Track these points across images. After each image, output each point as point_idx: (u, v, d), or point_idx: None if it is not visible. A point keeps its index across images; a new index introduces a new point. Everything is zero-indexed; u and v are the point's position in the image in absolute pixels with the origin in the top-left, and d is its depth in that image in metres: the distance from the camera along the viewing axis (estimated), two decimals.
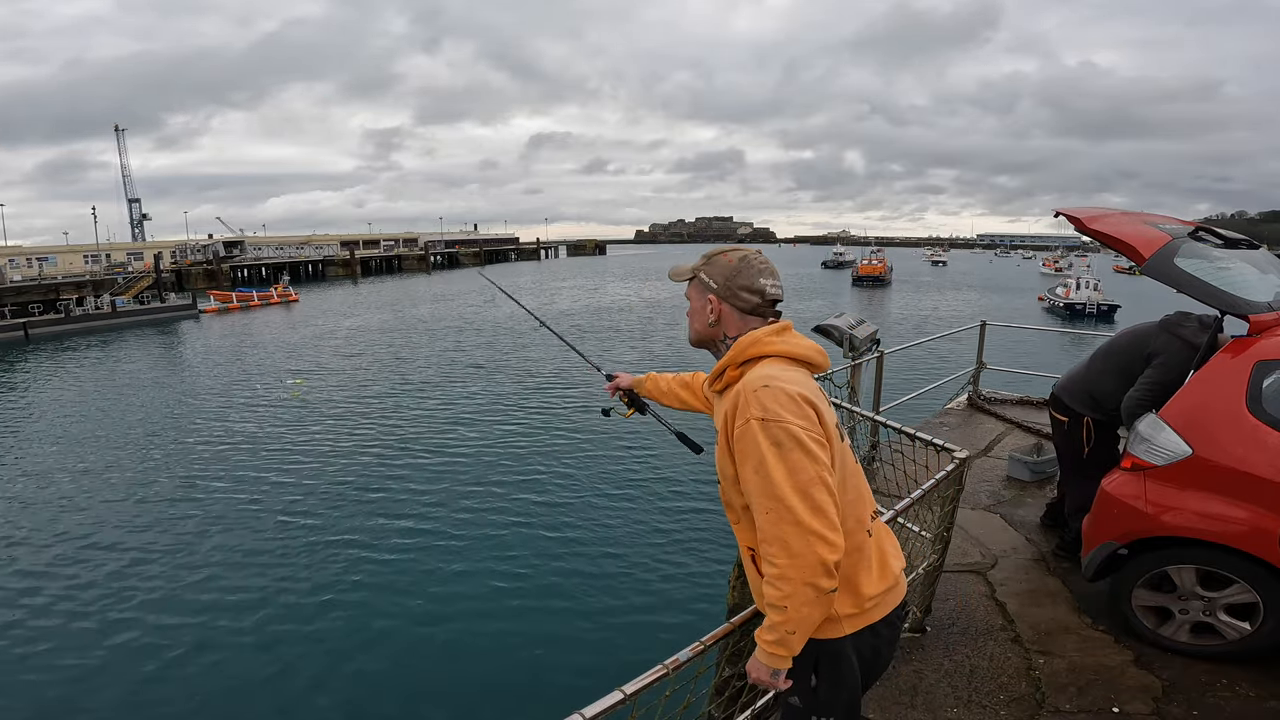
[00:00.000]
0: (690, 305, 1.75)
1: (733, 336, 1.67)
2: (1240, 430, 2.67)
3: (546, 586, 8.34)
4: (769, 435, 1.40)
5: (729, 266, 1.66)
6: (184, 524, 10.58)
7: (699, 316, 1.72)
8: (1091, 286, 40.90)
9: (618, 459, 12.99)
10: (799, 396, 1.45)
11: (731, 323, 1.67)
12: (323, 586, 8.47)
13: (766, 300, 1.65)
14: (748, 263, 1.66)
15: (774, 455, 1.39)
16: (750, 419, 1.43)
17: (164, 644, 7.39)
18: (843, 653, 1.57)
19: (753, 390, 1.46)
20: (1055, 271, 75.63)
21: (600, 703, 1.48)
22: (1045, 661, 2.90)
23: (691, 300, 1.75)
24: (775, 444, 1.39)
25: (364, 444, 14.37)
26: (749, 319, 1.66)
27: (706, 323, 1.70)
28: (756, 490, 1.42)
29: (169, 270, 55.71)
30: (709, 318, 1.69)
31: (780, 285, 1.69)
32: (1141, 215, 3.49)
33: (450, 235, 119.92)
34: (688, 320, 1.76)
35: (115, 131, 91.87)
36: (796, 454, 1.39)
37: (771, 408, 1.42)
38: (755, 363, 1.58)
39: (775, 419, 1.41)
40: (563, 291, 53.69)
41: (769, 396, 1.44)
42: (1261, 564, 2.60)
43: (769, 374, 1.51)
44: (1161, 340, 3.30)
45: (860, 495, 1.61)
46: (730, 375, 1.60)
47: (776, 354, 1.58)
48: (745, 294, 1.64)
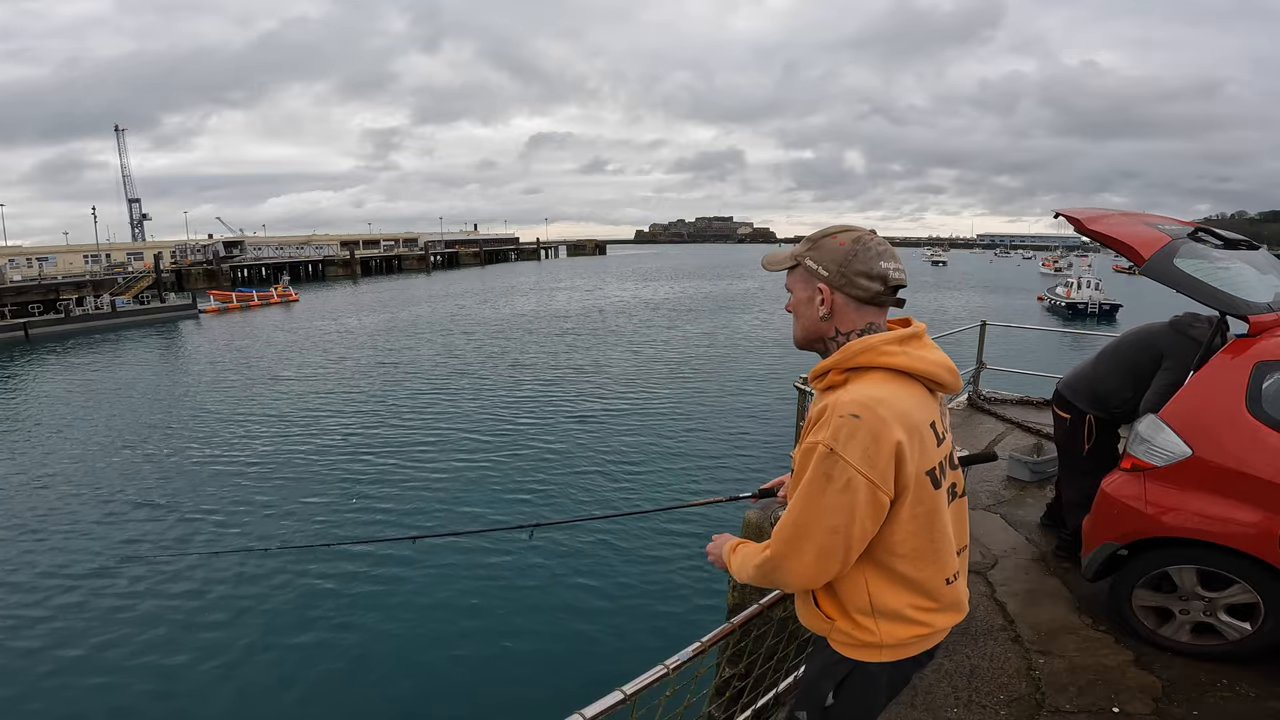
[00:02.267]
0: (793, 298, 1.51)
1: (847, 333, 1.44)
2: (1240, 431, 2.67)
3: (546, 586, 8.34)
4: (828, 468, 1.27)
5: (841, 250, 1.42)
6: (184, 524, 10.58)
7: (806, 311, 1.48)
8: (1093, 286, 40.91)
9: (618, 458, 12.99)
10: (888, 445, 1.28)
11: (846, 316, 1.43)
12: (323, 586, 8.47)
13: (889, 287, 1.42)
14: (863, 244, 1.41)
15: (819, 486, 1.28)
16: (819, 443, 1.29)
17: (162, 645, 7.38)
18: (878, 678, 1.49)
19: (840, 415, 1.29)
20: (1055, 271, 75.63)
21: (600, 703, 1.48)
22: (1045, 661, 2.90)
23: (795, 292, 1.50)
24: (828, 478, 1.27)
25: (364, 443, 14.37)
26: (867, 310, 1.43)
27: (817, 317, 1.45)
28: (791, 504, 1.35)
29: (169, 270, 55.73)
30: (820, 311, 1.44)
31: (903, 269, 1.44)
32: (1141, 216, 3.49)
33: (450, 235, 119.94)
34: (792, 316, 1.52)
35: (115, 131, 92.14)
36: (841, 499, 1.27)
37: (846, 444, 1.27)
38: (864, 373, 1.38)
39: (843, 456, 1.27)
40: (560, 293, 53.58)
41: (849, 432, 1.27)
42: (1262, 564, 2.60)
43: (871, 398, 1.31)
44: (1172, 341, 3.31)
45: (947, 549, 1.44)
46: (834, 379, 1.41)
47: (894, 367, 1.37)
48: (864, 280, 1.40)
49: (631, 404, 17.35)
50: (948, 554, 1.44)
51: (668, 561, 8.83)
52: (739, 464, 12.64)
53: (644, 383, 19.90)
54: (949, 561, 1.44)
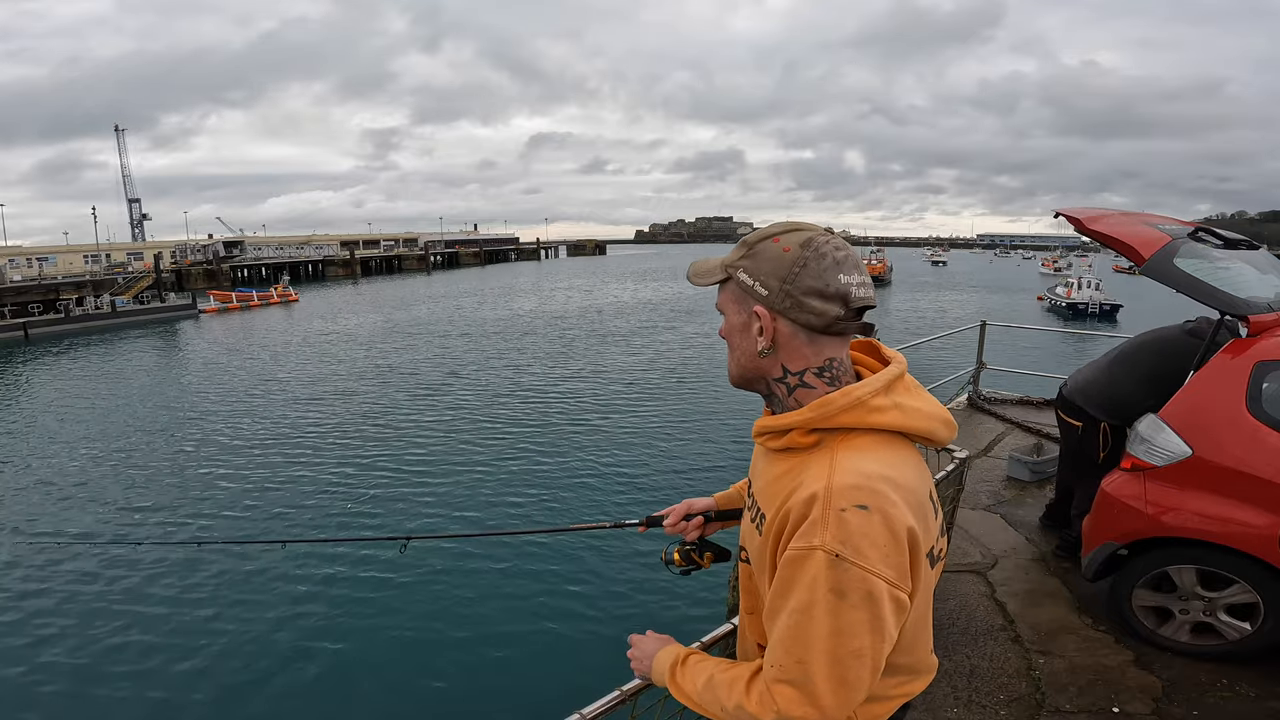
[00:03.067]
0: (725, 321, 1.12)
1: (799, 372, 1.07)
2: (1240, 431, 2.67)
3: (546, 586, 8.34)
4: (835, 580, 0.94)
5: (786, 259, 1.03)
6: (183, 523, 10.58)
7: (741, 342, 1.10)
8: (1093, 286, 40.96)
9: (617, 457, 12.99)
10: (903, 537, 0.97)
11: (796, 350, 1.06)
12: (322, 587, 8.47)
13: (851, 310, 1.03)
14: (815, 250, 1.02)
15: (827, 606, 0.95)
16: (819, 548, 0.95)
17: (160, 646, 7.38)
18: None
19: (840, 508, 0.95)
20: (1054, 271, 75.70)
21: (600, 702, 1.48)
22: (1045, 661, 2.90)
23: (727, 314, 1.11)
24: (838, 593, 0.94)
25: (364, 442, 14.37)
26: (822, 342, 1.05)
27: (755, 352, 1.08)
28: (781, 633, 0.99)
29: (169, 270, 55.76)
30: (758, 344, 1.07)
31: (870, 284, 1.06)
32: (1141, 215, 3.50)
33: (450, 235, 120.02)
34: (727, 346, 1.13)
35: (115, 131, 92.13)
36: (860, 614, 0.95)
37: (857, 543, 0.94)
38: (845, 436, 1.03)
39: (856, 561, 0.94)
40: (559, 293, 53.55)
41: (859, 526, 0.95)
42: (1262, 564, 2.60)
43: (874, 477, 0.98)
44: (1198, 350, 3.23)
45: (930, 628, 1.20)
46: (798, 440, 1.05)
47: (887, 428, 1.04)
48: (816, 301, 1.02)
49: (629, 408, 17.35)
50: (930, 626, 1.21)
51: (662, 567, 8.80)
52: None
53: (635, 388, 19.89)
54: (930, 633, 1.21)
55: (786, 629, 0.99)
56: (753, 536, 1.14)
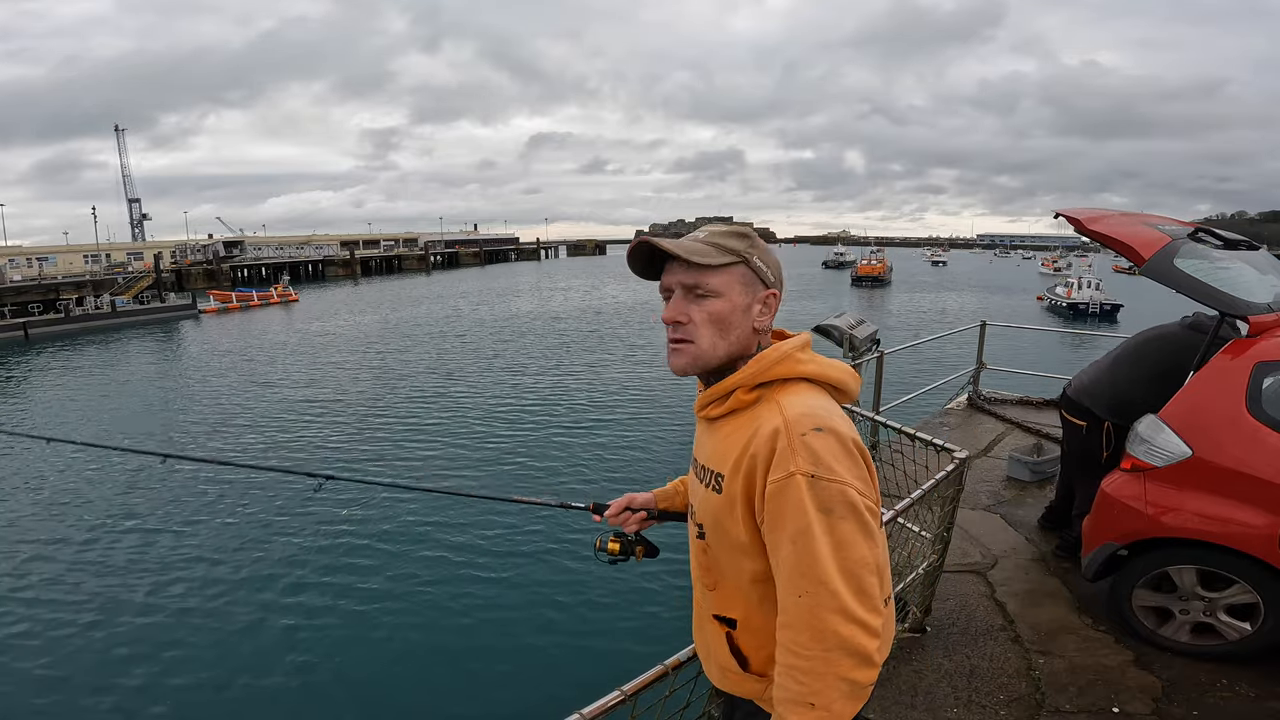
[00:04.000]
0: (717, 303, 1.19)
1: (763, 345, 1.25)
2: (1240, 431, 2.67)
3: (546, 585, 8.33)
4: (819, 498, 1.05)
5: (774, 253, 1.25)
6: (183, 524, 10.57)
7: (742, 322, 1.20)
8: (1093, 286, 40.96)
9: (617, 456, 12.99)
10: (855, 446, 1.11)
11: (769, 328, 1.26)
12: (320, 588, 8.46)
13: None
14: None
15: (821, 524, 1.04)
16: (795, 473, 1.05)
17: (158, 647, 7.37)
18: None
19: (800, 434, 1.07)
20: (1054, 271, 75.73)
21: (600, 702, 1.48)
22: (1045, 661, 2.90)
23: (728, 295, 1.19)
24: (825, 510, 1.05)
25: (364, 442, 14.37)
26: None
27: (750, 330, 1.22)
28: (789, 566, 1.07)
29: (169, 270, 55.75)
30: (757, 322, 1.22)
31: None
32: (1141, 216, 3.50)
33: (450, 235, 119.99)
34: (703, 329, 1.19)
35: (115, 131, 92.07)
36: (849, 524, 1.05)
37: (825, 460, 1.06)
38: (779, 386, 1.18)
39: (830, 476, 1.06)
40: (557, 294, 53.48)
41: (822, 445, 1.07)
42: (1262, 564, 2.60)
43: (814, 407, 1.13)
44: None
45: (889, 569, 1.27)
46: (742, 399, 1.19)
47: (809, 376, 1.20)
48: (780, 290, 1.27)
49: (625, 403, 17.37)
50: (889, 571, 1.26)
51: (668, 560, 8.79)
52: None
53: (610, 381, 19.91)
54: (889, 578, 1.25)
55: (789, 559, 1.07)
56: (708, 502, 1.22)
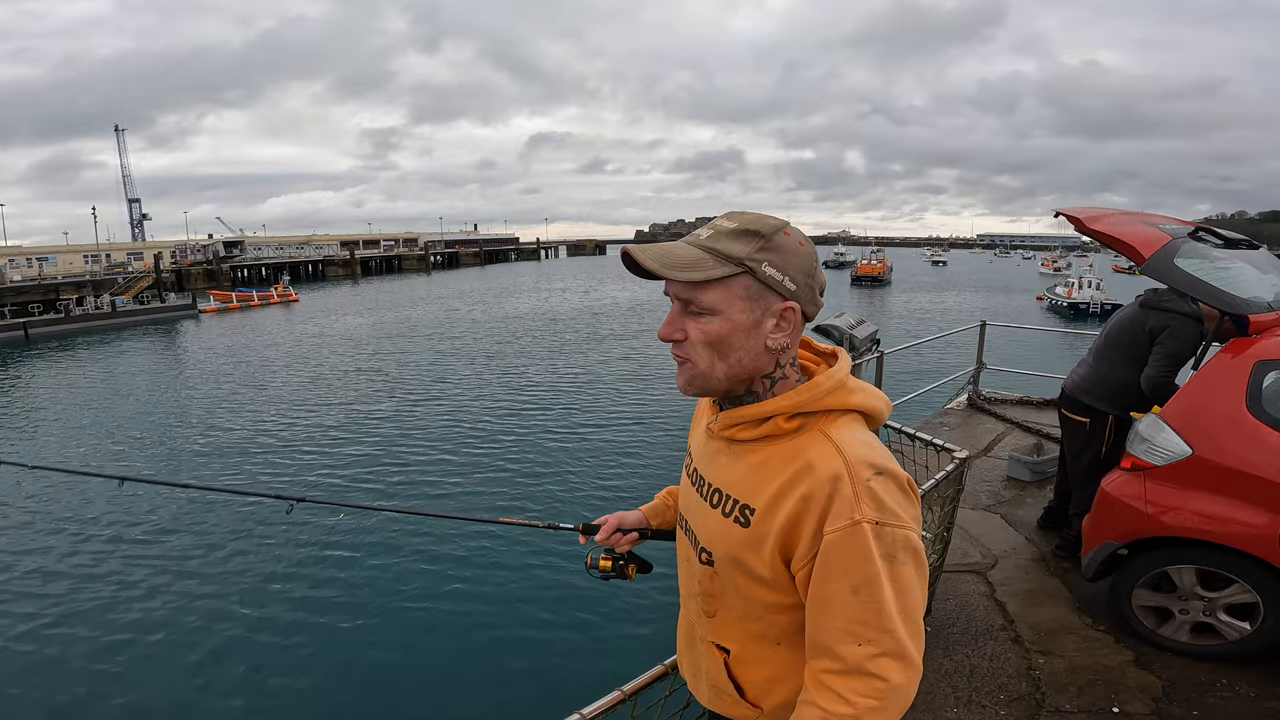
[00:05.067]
0: (718, 324, 1.03)
1: (785, 365, 1.09)
2: (1240, 430, 2.67)
3: (545, 584, 8.33)
4: (885, 545, 0.98)
5: (803, 253, 1.04)
6: (183, 525, 10.57)
7: (748, 343, 1.04)
8: (1094, 286, 41.01)
9: (617, 453, 13.00)
10: (909, 484, 1.04)
11: (795, 344, 1.08)
12: (319, 588, 8.46)
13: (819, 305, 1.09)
14: (812, 245, 1.07)
15: (887, 572, 0.98)
16: (861, 521, 0.97)
17: (156, 647, 7.37)
18: None
19: (865, 480, 0.99)
20: (1054, 271, 75.80)
21: (600, 702, 1.48)
22: (1045, 661, 2.90)
23: (728, 313, 1.03)
24: (889, 557, 0.98)
25: (364, 441, 14.37)
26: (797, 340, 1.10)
27: (761, 350, 1.05)
28: (849, 615, 0.99)
29: (169, 270, 55.77)
30: (771, 341, 1.05)
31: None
32: (1141, 215, 3.50)
33: (450, 235, 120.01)
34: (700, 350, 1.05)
35: (115, 131, 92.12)
36: (910, 569, 1.00)
37: (890, 506, 0.99)
38: (824, 416, 1.07)
39: (895, 522, 0.99)
40: (555, 294, 53.36)
41: (885, 489, 1.00)
42: (1262, 564, 2.60)
43: (870, 446, 1.04)
44: (1157, 318, 3.36)
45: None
46: (781, 426, 1.06)
47: (857, 408, 1.09)
48: (820, 297, 1.08)
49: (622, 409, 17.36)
50: None
51: (669, 559, 8.80)
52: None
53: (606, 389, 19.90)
54: None
55: (852, 610, 0.99)
56: (727, 532, 1.11)
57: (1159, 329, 3.32)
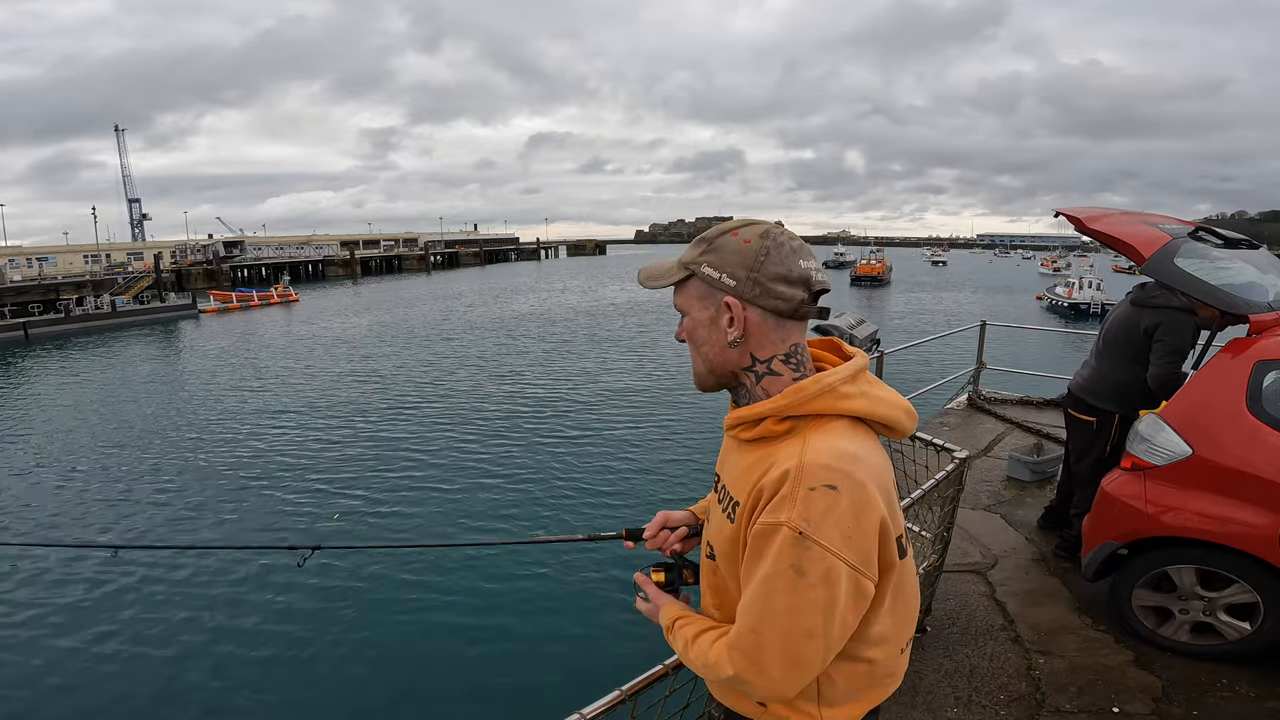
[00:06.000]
0: (688, 320, 1.14)
1: (767, 360, 1.11)
2: (1240, 430, 2.67)
3: (546, 584, 8.34)
4: (796, 557, 0.97)
5: (749, 250, 1.07)
6: (182, 525, 10.58)
7: (709, 336, 1.12)
8: (1094, 286, 41.06)
9: (618, 452, 12.99)
10: (872, 520, 1.00)
11: (765, 338, 1.10)
12: (319, 588, 8.46)
13: (813, 293, 1.09)
14: (775, 240, 1.08)
15: (786, 581, 0.98)
16: (783, 524, 0.98)
17: (155, 647, 7.38)
18: None
19: (809, 486, 0.98)
20: (1054, 271, 75.84)
21: (600, 702, 1.47)
22: (1045, 661, 2.90)
23: (691, 312, 1.14)
24: (798, 571, 0.97)
25: (364, 441, 14.37)
26: (788, 326, 1.10)
27: (724, 343, 1.11)
28: (745, 600, 1.05)
29: (169, 270, 55.75)
30: (729, 334, 1.10)
31: (824, 270, 1.12)
32: (1141, 215, 3.50)
33: (450, 235, 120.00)
34: (691, 349, 1.16)
35: (115, 131, 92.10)
36: (817, 594, 0.98)
37: (820, 524, 0.97)
38: (814, 422, 1.06)
39: (818, 540, 0.97)
40: (554, 295, 53.29)
41: (826, 505, 0.97)
42: (1262, 564, 2.60)
43: (840, 456, 1.01)
44: (1150, 315, 3.36)
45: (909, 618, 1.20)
46: (771, 429, 1.08)
47: (855, 414, 1.07)
48: (783, 287, 1.07)
49: (609, 415, 17.35)
50: (911, 623, 1.21)
51: None
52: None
53: (616, 394, 19.89)
54: (910, 631, 1.21)
55: (748, 598, 1.04)
56: (723, 529, 1.15)
57: (1153, 327, 3.32)
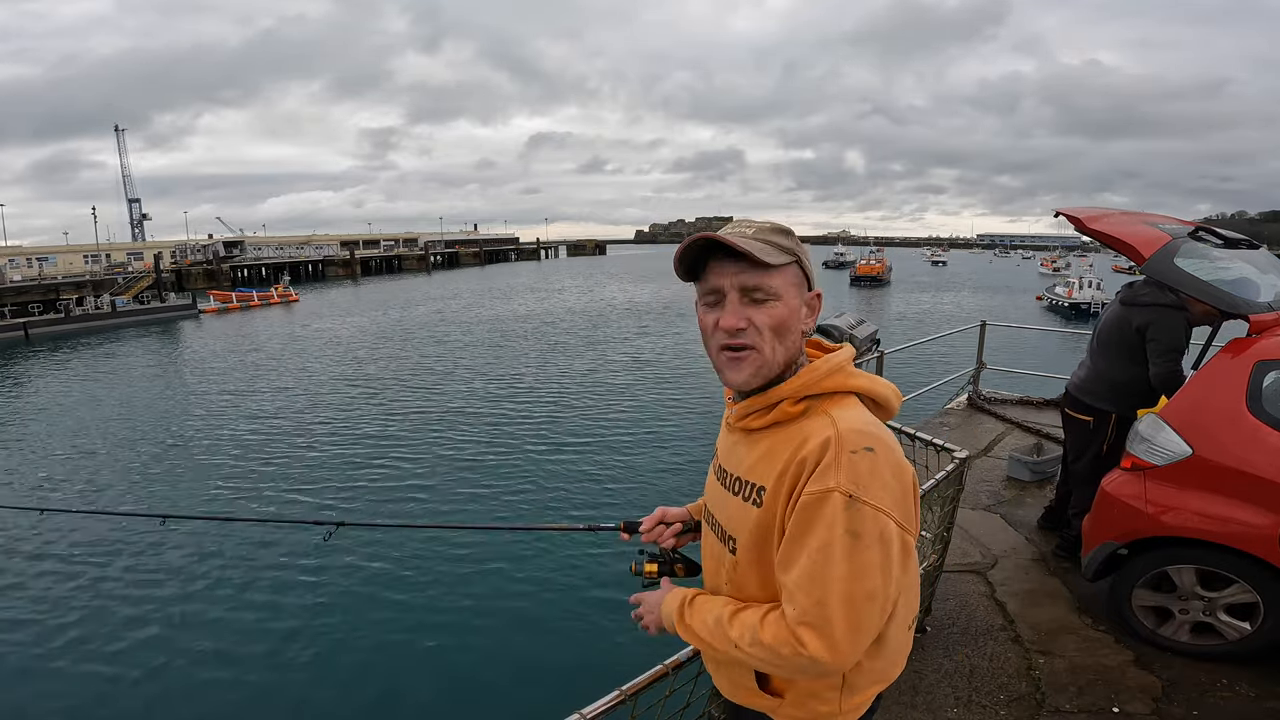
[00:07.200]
0: (779, 310, 1.10)
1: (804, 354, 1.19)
2: (1240, 430, 2.67)
3: (546, 585, 8.33)
4: (851, 521, 0.99)
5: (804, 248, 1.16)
6: (182, 525, 10.57)
7: (794, 327, 1.13)
8: (1095, 286, 41.11)
9: (618, 451, 12.99)
10: (908, 479, 1.06)
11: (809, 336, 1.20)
12: (319, 588, 8.46)
13: None
14: None
15: (843, 547, 0.99)
16: (834, 490, 1.00)
17: (155, 647, 7.38)
18: None
19: (850, 450, 1.02)
20: (1053, 271, 75.85)
21: (600, 702, 1.47)
22: (1045, 661, 2.90)
23: (786, 298, 1.11)
24: (853, 534, 0.99)
25: (365, 440, 14.37)
26: None
27: (800, 334, 1.15)
28: (800, 573, 1.02)
29: (169, 270, 55.72)
30: (807, 325, 1.15)
31: None
32: (1141, 215, 3.50)
33: (450, 235, 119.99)
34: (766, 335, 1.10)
35: (115, 131, 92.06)
36: (872, 555, 1.00)
37: (869, 485, 1.00)
38: (828, 399, 1.12)
39: (870, 501, 1.00)
40: (553, 295, 53.19)
41: (870, 466, 1.01)
42: (1262, 564, 2.60)
43: (868, 424, 1.07)
44: (1141, 314, 3.36)
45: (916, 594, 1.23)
46: (788, 410, 1.12)
47: (859, 391, 1.14)
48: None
49: (611, 410, 17.35)
50: (917, 600, 1.25)
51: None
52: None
53: (618, 390, 19.90)
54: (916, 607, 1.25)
55: (804, 571, 1.02)
56: (745, 515, 1.15)
57: (1145, 325, 3.32)
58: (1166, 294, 3.27)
